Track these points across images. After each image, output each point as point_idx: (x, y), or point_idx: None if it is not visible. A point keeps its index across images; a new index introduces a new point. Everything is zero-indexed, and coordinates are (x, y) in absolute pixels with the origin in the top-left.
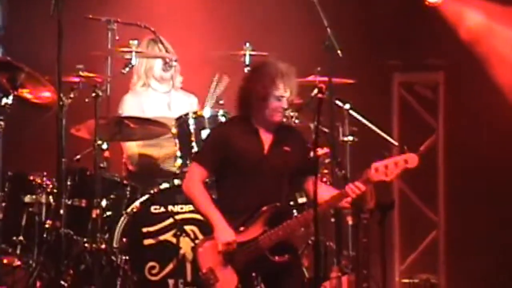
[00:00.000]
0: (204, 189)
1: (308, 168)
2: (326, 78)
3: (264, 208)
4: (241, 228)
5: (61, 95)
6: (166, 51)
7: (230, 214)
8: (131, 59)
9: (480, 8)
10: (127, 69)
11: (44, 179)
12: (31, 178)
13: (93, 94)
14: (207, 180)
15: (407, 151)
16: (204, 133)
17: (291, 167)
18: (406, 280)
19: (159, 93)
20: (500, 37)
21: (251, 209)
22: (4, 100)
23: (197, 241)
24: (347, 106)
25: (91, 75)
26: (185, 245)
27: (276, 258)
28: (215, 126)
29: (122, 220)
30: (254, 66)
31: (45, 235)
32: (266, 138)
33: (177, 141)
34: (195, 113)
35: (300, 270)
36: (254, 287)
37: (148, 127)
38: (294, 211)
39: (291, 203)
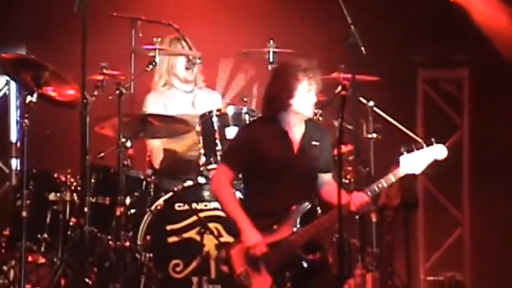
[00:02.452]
0: (232, 191)
1: (329, 165)
2: (349, 75)
3: (294, 207)
4: (273, 227)
5: (85, 93)
6: (190, 49)
7: (258, 216)
8: (154, 56)
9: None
10: (150, 66)
11: (68, 176)
12: (56, 176)
13: (117, 92)
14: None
15: (434, 143)
16: (228, 131)
17: (321, 162)
18: (431, 278)
19: (182, 92)
20: None
21: (281, 210)
22: (29, 98)
23: (221, 239)
24: (371, 103)
25: (115, 73)
26: (209, 242)
27: (310, 256)
28: (242, 126)
29: (146, 218)
30: (276, 66)
31: (69, 233)
32: (295, 137)
33: (201, 138)
34: (218, 110)
35: (329, 270)
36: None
37: (171, 125)
38: (318, 208)
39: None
